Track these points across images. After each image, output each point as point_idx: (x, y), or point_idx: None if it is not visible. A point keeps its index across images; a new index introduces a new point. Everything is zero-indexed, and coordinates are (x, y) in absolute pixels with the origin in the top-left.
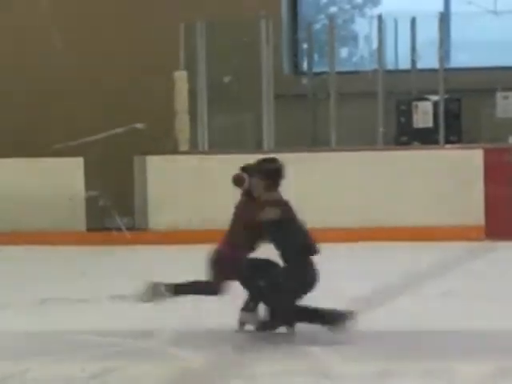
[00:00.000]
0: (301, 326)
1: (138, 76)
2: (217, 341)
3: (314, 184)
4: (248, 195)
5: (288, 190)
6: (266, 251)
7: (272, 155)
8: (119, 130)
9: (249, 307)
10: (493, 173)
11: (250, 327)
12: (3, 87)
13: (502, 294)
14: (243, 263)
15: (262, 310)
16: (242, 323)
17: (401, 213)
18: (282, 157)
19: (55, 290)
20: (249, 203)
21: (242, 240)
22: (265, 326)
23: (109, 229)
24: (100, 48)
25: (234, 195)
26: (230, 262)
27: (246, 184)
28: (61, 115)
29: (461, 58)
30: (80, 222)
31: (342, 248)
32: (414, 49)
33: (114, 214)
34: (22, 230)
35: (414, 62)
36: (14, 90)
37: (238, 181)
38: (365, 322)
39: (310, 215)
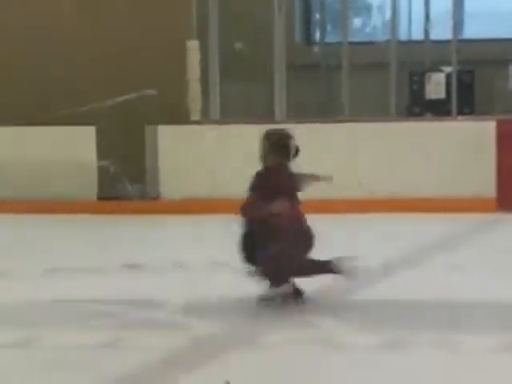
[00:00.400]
0: (307, 298)
1: (151, 45)
2: (227, 311)
3: (326, 155)
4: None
5: (299, 160)
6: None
7: (284, 126)
8: (130, 96)
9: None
10: (505, 144)
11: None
12: (14, 56)
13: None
14: None
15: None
16: (266, 298)
17: (412, 184)
18: (293, 127)
19: (66, 259)
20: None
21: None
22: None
23: (120, 198)
24: (112, 17)
25: (246, 165)
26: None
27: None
28: (72, 84)
29: (474, 29)
30: (91, 191)
31: (353, 219)
32: (427, 19)
33: (124, 181)
34: (34, 199)
35: (427, 32)
36: (25, 60)
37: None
38: (374, 293)
39: (321, 186)
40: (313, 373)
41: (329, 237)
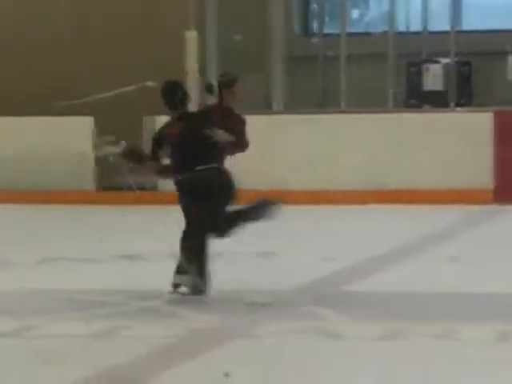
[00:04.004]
0: (308, 288)
1: (149, 36)
2: (224, 301)
3: (323, 145)
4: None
5: (296, 151)
6: None
7: (282, 117)
8: (130, 88)
9: (183, 269)
10: (503, 136)
11: (184, 289)
12: (12, 46)
13: (508, 257)
14: None
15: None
16: (175, 285)
17: (409, 175)
18: (291, 118)
19: (61, 249)
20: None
21: None
22: (196, 290)
23: (118, 188)
24: (111, 8)
25: (245, 155)
26: None
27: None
28: (71, 75)
29: (472, 21)
30: (89, 182)
31: (349, 210)
32: (425, 10)
33: (125, 171)
34: (32, 189)
35: (425, 23)
36: (23, 50)
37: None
38: (372, 284)
39: (318, 176)
40: (309, 362)
41: (328, 227)
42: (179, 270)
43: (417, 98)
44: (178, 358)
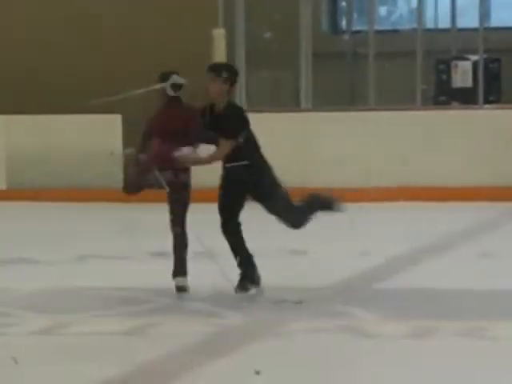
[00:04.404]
0: (340, 286)
1: (177, 34)
2: (254, 299)
3: (352, 143)
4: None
5: (325, 148)
6: None
7: (310, 114)
8: (159, 86)
9: (180, 271)
10: None
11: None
12: (42, 46)
13: None
14: None
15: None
16: (180, 288)
17: (438, 173)
18: (319, 115)
19: (93, 247)
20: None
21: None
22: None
23: (149, 187)
24: (138, 6)
25: (270, 152)
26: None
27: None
28: (99, 73)
29: (501, 17)
30: (117, 179)
31: (380, 208)
32: (454, 7)
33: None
34: (60, 187)
35: (453, 20)
36: (53, 50)
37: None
38: (401, 281)
39: (347, 175)
40: (339, 360)
41: (359, 225)
42: (176, 271)
43: (445, 95)
44: (209, 356)
